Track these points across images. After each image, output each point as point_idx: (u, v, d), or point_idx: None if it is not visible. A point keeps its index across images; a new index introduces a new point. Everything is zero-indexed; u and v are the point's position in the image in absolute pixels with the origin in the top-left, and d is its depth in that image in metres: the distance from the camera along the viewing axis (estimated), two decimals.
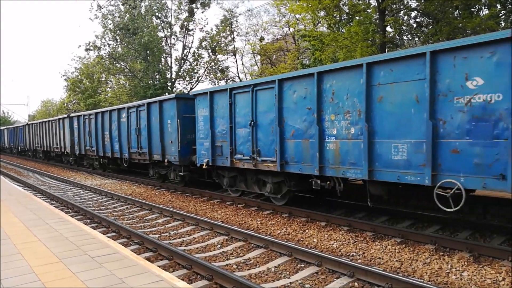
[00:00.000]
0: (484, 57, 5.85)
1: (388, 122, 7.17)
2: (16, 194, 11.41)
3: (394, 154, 7.07)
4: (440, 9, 14.29)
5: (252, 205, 10.75)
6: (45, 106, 72.97)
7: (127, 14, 30.63)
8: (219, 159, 11.48)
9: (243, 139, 10.58)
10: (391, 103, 7.10)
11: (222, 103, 11.21)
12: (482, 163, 5.92)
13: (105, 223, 9.27)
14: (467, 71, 6.07)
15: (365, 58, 7.82)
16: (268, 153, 9.83)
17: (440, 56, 6.38)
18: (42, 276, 4.68)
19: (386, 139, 7.21)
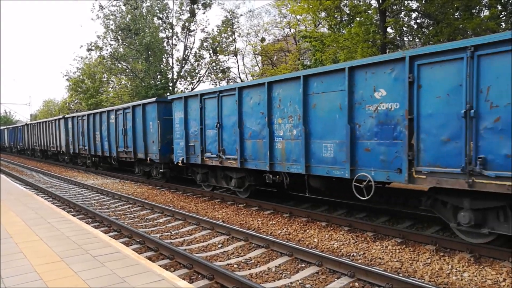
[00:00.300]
0: (386, 73, 7.15)
1: (320, 125, 8.53)
2: (18, 193, 11.45)
3: (325, 152, 8.46)
4: (440, 10, 14.30)
5: (253, 205, 10.77)
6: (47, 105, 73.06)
7: (128, 15, 30.71)
8: (192, 157, 12.71)
9: (211, 139, 11.83)
10: (322, 110, 8.46)
11: (194, 107, 12.41)
12: (386, 159, 7.22)
13: (106, 223, 9.29)
14: (374, 84, 7.38)
15: (302, 72, 9.26)
16: (231, 151, 11.08)
17: (356, 71, 7.72)
18: (44, 275, 4.70)
19: (319, 139, 8.58)
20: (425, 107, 6.61)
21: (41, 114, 70.18)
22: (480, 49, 5.90)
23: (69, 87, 43.46)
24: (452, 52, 6.20)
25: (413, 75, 6.69)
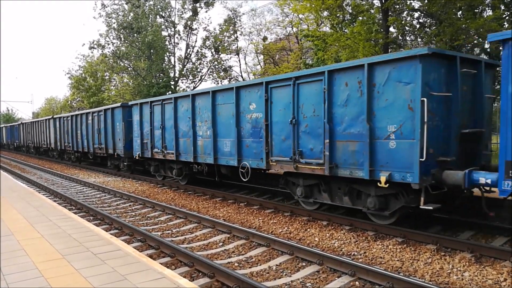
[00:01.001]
0: (255, 92, 10.31)
1: (222, 128, 11.56)
2: (20, 191, 11.48)
3: (225, 147, 11.47)
4: (443, 9, 14.27)
5: (254, 203, 10.78)
6: (49, 103, 73.20)
7: (131, 13, 30.73)
8: (146, 152, 15.68)
9: (158, 137, 14.76)
10: (223, 116, 11.50)
11: (147, 112, 15.38)
12: (256, 152, 10.31)
13: (108, 220, 9.32)
14: (249, 100, 10.50)
15: (211, 87, 12.36)
16: (170, 147, 13.99)
17: (240, 90, 10.87)
18: (45, 272, 4.72)
19: (222, 138, 11.63)
20: (274, 116, 9.77)
21: (43, 112, 70.29)
22: (298, 79, 9.06)
23: (71, 85, 43.57)
24: (286, 80, 9.40)
25: (267, 94, 9.86)
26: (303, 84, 8.95)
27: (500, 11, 13.75)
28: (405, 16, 17.16)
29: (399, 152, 7.13)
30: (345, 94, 8.05)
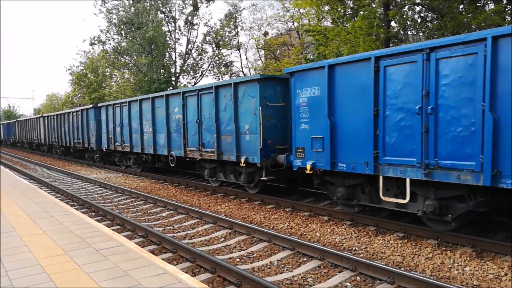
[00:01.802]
0: (177, 99, 13.64)
1: (159, 126, 15.03)
2: (22, 187, 11.52)
3: (160, 141, 14.94)
4: (444, 3, 14.19)
5: (256, 199, 10.79)
6: (50, 100, 73.10)
7: (131, 9, 30.63)
8: (110, 145, 19.37)
9: (118, 133, 18.50)
10: (159, 117, 14.98)
11: (110, 112, 19.22)
12: (179, 144, 13.69)
13: (109, 216, 9.35)
14: (174, 105, 13.90)
15: (152, 94, 16.16)
16: (126, 141, 17.67)
17: (169, 97, 14.29)
18: (48, 268, 4.74)
19: (158, 134, 15.13)
20: (188, 117, 13.12)
21: (45, 109, 70.26)
22: (201, 91, 12.41)
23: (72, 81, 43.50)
24: (194, 92, 12.75)
25: (184, 101, 13.21)
26: (203, 94, 12.35)
27: (502, 4, 13.66)
28: (406, 10, 17.06)
29: (251, 143, 10.53)
30: (224, 103, 11.44)
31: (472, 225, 7.68)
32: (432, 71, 6.46)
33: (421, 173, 6.68)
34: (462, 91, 6.14)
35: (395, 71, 7.07)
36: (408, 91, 6.84)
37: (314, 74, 8.55)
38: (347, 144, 7.96)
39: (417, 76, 6.68)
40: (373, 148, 7.40)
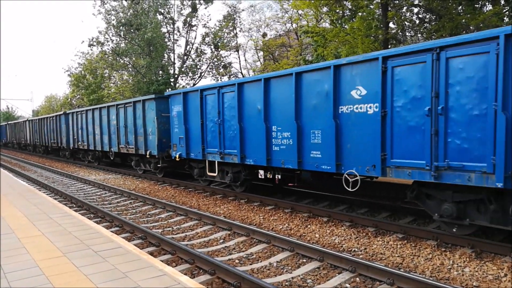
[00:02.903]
0: (114, 109, 18.57)
1: (104, 129, 19.59)
2: (20, 189, 11.48)
3: (105, 140, 19.72)
4: (443, 5, 14.22)
5: (255, 200, 10.78)
6: (48, 101, 73.00)
7: (130, 10, 30.60)
8: (75, 144, 24.17)
9: (80, 135, 23.38)
10: (104, 122, 19.48)
11: (75, 118, 23.95)
12: (113, 142, 19.00)
13: (108, 218, 9.32)
14: (112, 113, 18.80)
15: (99, 105, 21.03)
16: (85, 141, 22.59)
17: (110, 107, 19.13)
18: (46, 270, 4.72)
19: (104, 135, 19.81)
20: (120, 123, 17.77)
21: (43, 110, 70.18)
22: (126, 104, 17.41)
23: (70, 82, 43.48)
24: (121, 104, 17.45)
25: (117, 111, 17.83)
26: (128, 107, 17.43)
27: (500, 6, 13.69)
28: (404, 11, 17.10)
29: (153, 141, 15.47)
30: (138, 113, 16.67)
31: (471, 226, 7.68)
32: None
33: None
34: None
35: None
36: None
37: (177, 97, 13.50)
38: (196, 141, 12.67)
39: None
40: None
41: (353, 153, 7.81)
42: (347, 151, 7.94)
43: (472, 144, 6.11)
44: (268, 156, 9.75)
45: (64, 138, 26.07)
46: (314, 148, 8.59)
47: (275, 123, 9.54)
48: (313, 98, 8.53)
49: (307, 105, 8.70)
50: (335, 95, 8.02)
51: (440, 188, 6.89)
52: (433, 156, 6.51)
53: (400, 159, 7.06)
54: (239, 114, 10.52)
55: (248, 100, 10.32)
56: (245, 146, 10.52)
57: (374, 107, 7.36)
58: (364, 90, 7.54)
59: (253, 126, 10.18)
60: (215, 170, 12.09)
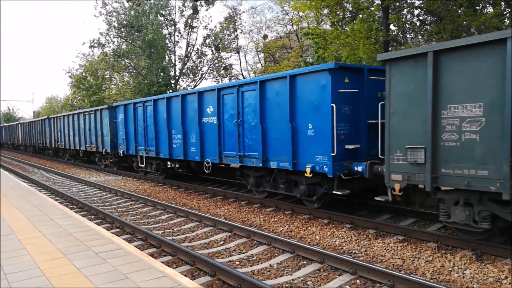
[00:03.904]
0: (82, 115, 23.07)
1: (76, 131, 23.91)
2: (21, 190, 11.50)
3: (76, 141, 24.01)
4: (444, 7, 14.22)
5: (255, 202, 10.78)
6: (49, 102, 73.07)
7: (131, 11, 30.66)
8: (56, 144, 27.82)
9: (58, 136, 26.85)
10: (75, 125, 23.90)
11: (56, 122, 27.56)
12: (84, 142, 22.78)
13: (109, 219, 9.33)
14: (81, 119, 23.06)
15: (83, 110, 23.76)
16: (62, 140, 26.13)
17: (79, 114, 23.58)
18: (47, 271, 4.73)
19: (75, 136, 24.18)
20: (86, 127, 22.13)
21: (44, 111, 70.21)
22: (90, 112, 21.80)
23: (71, 84, 43.53)
24: (86, 112, 22.20)
25: (84, 117, 22.43)
26: (91, 114, 21.31)
27: (500, 7, 13.69)
28: (405, 13, 17.10)
29: (106, 141, 19.33)
30: (98, 119, 20.55)
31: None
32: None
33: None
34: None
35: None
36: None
37: (121, 108, 17.52)
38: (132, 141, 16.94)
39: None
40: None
41: (208, 148, 12.14)
42: (205, 147, 12.26)
43: (252, 142, 10.35)
44: (170, 151, 14.08)
45: (48, 139, 30.26)
46: (192, 146, 12.87)
47: (174, 128, 13.82)
48: (191, 112, 12.82)
49: (188, 116, 13.02)
50: (199, 111, 12.28)
51: (248, 168, 10.99)
52: (239, 149, 10.74)
53: (227, 151, 11.34)
54: (155, 122, 14.96)
55: (161, 111, 14.59)
56: (159, 144, 14.82)
57: (215, 119, 11.60)
58: (212, 108, 11.73)
59: (164, 131, 14.34)
60: (143, 162, 16.40)
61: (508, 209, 6.08)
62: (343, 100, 8.35)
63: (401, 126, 6.86)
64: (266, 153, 9.89)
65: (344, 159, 8.39)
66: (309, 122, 8.74)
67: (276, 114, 9.54)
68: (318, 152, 8.52)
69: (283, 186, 9.93)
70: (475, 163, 5.98)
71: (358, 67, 8.99)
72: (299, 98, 8.92)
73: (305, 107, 8.82)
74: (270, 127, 9.78)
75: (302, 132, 8.92)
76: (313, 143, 8.66)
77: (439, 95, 6.31)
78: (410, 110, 6.71)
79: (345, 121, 8.49)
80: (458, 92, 6.11)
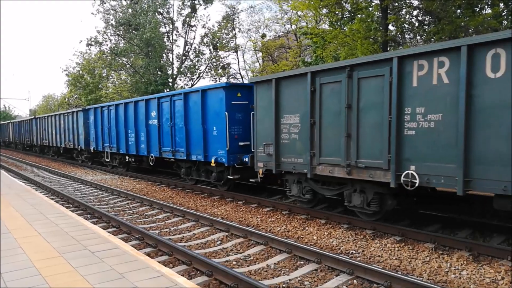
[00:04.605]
0: (54, 117, 27.51)
1: (50, 131, 28.29)
2: (17, 189, 11.44)
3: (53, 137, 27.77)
4: (442, 7, 14.23)
5: (253, 202, 10.77)
6: (46, 101, 72.85)
7: (129, 10, 30.55)
8: (42, 142, 30.18)
9: (44, 135, 29.35)
10: (51, 127, 27.79)
11: (39, 122, 30.35)
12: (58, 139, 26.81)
13: (105, 218, 9.29)
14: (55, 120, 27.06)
15: (62, 112, 27.25)
16: (46, 139, 29.13)
17: (57, 116, 27.15)
18: (43, 270, 4.70)
19: (48, 134, 29.02)
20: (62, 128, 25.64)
21: (41, 110, 69.99)
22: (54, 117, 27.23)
23: (68, 82, 43.37)
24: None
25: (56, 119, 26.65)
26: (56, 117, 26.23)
27: (499, 8, 13.71)
28: (404, 13, 17.12)
29: (81, 139, 22.62)
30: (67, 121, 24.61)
31: (469, 229, 7.69)
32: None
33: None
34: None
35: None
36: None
37: (91, 110, 20.78)
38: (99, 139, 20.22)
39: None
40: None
41: (152, 145, 15.17)
42: (151, 144, 15.29)
43: (181, 140, 13.31)
44: (126, 147, 17.22)
45: (34, 137, 33.05)
46: (142, 143, 15.89)
47: (130, 128, 16.91)
48: (141, 116, 15.82)
49: (139, 119, 16.08)
50: (146, 115, 15.43)
51: (180, 161, 13.97)
52: (172, 145, 13.74)
53: (165, 147, 14.36)
54: (116, 123, 18.12)
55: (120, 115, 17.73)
56: (119, 141, 17.90)
57: (157, 122, 14.60)
58: (155, 113, 14.70)
59: (122, 130, 17.48)
60: (109, 157, 19.46)
61: (319, 185, 9.00)
62: (236, 109, 11.32)
63: (261, 129, 9.91)
64: (189, 149, 12.91)
65: (237, 153, 11.33)
66: (214, 125, 11.74)
67: (194, 118, 12.57)
68: (219, 148, 11.51)
69: (204, 174, 12.85)
70: (297, 154, 8.99)
71: (248, 85, 11.76)
72: (207, 107, 11.99)
73: (211, 114, 11.88)
74: (191, 129, 12.79)
75: (210, 133, 11.97)
76: (216, 140, 11.65)
77: (279, 108, 9.32)
78: (265, 118, 9.71)
79: (238, 124, 11.43)
80: (288, 106, 9.12)
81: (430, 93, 6.51)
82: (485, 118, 5.90)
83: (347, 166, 7.82)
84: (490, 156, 5.87)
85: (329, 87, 8.19)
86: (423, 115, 6.62)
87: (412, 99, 6.76)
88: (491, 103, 5.84)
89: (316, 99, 8.39)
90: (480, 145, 5.96)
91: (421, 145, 6.66)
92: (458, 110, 6.10)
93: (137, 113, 16.22)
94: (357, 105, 7.61)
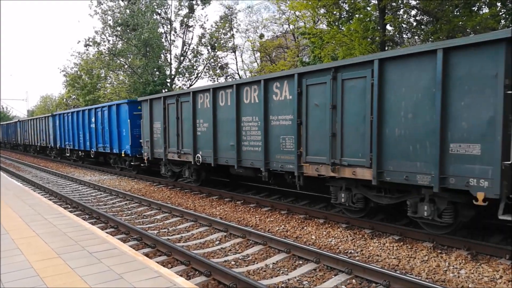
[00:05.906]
0: (46, 119, 29.15)
1: (38, 131, 30.78)
2: (15, 189, 11.41)
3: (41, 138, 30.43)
4: (440, 7, 14.27)
5: (251, 201, 10.76)
6: (44, 101, 72.67)
7: (127, 10, 30.50)
8: (39, 143, 30.60)
9: (35, 135, 31.61)
10: (38, 127, 30.75)
11: (30, 123, 32.98)
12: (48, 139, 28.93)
13: (103, 219, 9.27)
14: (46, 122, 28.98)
15: (39, 116, 32.43)
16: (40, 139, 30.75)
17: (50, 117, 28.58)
18: (41, 271, 4.68)
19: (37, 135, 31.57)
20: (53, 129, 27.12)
21: (38, 110, 69.84)
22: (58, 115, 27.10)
23: (66, 82, 43.30)
24: (54, 116, 27.04)
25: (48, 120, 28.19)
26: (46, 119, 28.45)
27: (496, 8, 13.75)
28: (401, 13, 17.15)
29: (51, 139, 27.84)
30: (49, 124, 27.66)
31: (467, 228, 7.70)
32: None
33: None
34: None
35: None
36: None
37: (60, 115, 26.10)
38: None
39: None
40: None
41: (92, 142, 20.46)
42: (92, 141, 20.48)
43: (107, 139, 18.78)
44: (78, 144, 22.75)
45: (19, 137, 37.89)
46: (87, 141, 21.33)
47: (80, 130, 22.25)
48: (86, 121, 20.74)
49: (85, 123, 21.03)
50: (89, 120, 20.57)
51: (111, 154, 19.19)
52: (104, 143, 18.92)
53: (99, 144, 19.34)
54: (72, 126, 23.42)
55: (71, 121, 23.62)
56: (74, 140, 23.07)
57: (94, 125, 19.80)
58: (94, 119, 19.56)
59: (75, 132, 22.64)
60: (69, 152, 24.35)
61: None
62: (137, 117, 16.31)
63: (145, 131, 15.02)
64: (112, 144, 18.58)
65: (137, 147, 16.28)
66: (124, 128, 17.27)
67: (113, 123, 18.14)
68: (126, 143, 17.07)
69: (123, 163, 18.43)
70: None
71: (144, 99, 15.16)
72: (120, 116, 17.60)
73: (122, 120, 17.43)
74: (112, 130, 18.27)
75: (121, 133, 17.48)
76: (125, 139, 17.20)
77: (152, 117, 14.66)
78: (146, 124, 14.88)
79: (138, 127, 16.02)
80: (156, 116, 14.51)
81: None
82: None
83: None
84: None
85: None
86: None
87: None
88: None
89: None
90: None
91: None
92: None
93: (84, 119, 21.77)
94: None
